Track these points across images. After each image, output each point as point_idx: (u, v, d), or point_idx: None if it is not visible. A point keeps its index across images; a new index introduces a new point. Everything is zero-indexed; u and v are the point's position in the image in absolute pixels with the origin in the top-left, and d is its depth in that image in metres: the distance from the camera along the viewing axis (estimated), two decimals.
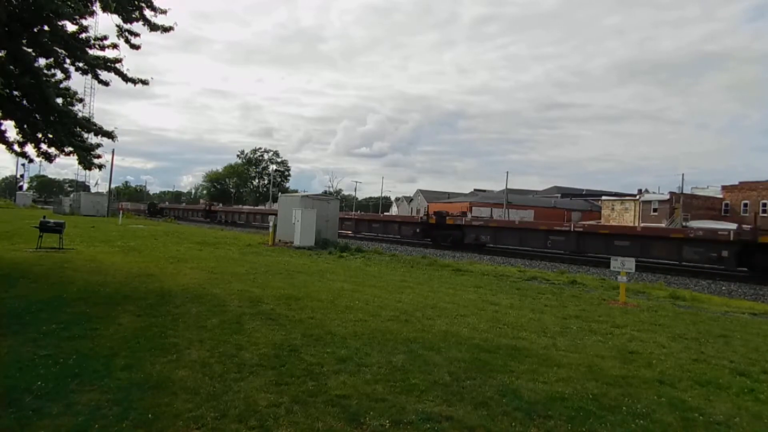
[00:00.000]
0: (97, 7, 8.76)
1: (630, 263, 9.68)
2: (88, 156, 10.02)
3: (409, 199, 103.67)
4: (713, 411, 3.94)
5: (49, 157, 10.10)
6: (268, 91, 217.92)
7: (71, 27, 9.14)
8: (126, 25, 9.49)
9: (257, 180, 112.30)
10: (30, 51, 8.79)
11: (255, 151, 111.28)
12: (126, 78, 10.01)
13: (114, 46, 9.95)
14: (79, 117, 9.99)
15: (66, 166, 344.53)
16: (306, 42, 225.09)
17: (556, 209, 71.07)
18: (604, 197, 69.34)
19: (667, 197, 58.00)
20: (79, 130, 9.86)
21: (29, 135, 9.72)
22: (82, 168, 12.17)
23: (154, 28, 9.58)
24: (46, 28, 8.52)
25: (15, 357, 4.35)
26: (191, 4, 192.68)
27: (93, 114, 57.85)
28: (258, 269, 11.22)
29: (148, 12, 9.41)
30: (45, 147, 9.91)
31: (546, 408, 3.78)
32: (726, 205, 59.60)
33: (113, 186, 59.56)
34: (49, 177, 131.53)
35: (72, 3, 8.02)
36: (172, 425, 3.23)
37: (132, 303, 6.79)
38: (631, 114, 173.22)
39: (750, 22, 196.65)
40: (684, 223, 40.88)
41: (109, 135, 10.15)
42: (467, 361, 4.86)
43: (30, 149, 10.11)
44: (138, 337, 5.13)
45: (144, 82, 10.30)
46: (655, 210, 57.89)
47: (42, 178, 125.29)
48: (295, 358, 4.71)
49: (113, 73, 9.89)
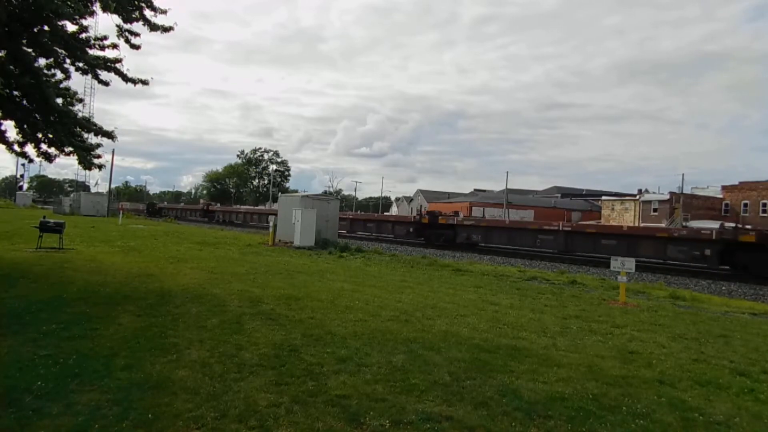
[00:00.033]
0: (97, 7, 8.76)
1: (630, 263, 9.68)
2: (88, 156, 10.02)
3: (409, 199, 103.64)
4: (713, 411, 3.94)
5: (49, 157, 10.10)
6: (268, 91, 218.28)
7: (71, 27, 9.15)
8: (126, 25, 9.50)
9: (257, 180, 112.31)
10: (30, 51, 8.79)
11: (255, 151, 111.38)
12: (126, 78, 10.01)
13: (114, 46, 9.96)
14: (79, 117, 9.99)
15: (66, 166, 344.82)
16: (306, 42, 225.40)
17: (556, 209, 71.05)
18: (604, 197, 69.37)
19: (667, 197, 58.03)
20: (79, 130, 9.86)
21: (29, 135, 9.72)
22: (82, 168, 12.18)
23: (154, 28, 9.58)
24: (46, 28, 8.51)
25: (15, 357, 4.35)
26: (191, 4, 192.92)
27: (93, 114, 57.89)
28: (258, 269, 11.22)
29: (148, 12, 9.42)
30: (45, 147, 9.91)
31: (546, 408, 3.78)
32: (726, 205, 59.61)
33: (113, 186, 59.63)
34: (49, 177, 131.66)
35: (72, 3, 8.02)
36: (172, 425, 3.23)
37: (132, 303, 6.79)
38: (631, 114, 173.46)
39: (750, 22, 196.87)
40: (684, 223, 40.89)
41: (109, 135, 10.15)
42: (467, 361, 4.86)
43: (30, 149, 10.12)
44: (138, 337, 5.13)
45: (144, 82, 10.30)
46: (655, 210, 57.92)
47: (42, 178, 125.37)
48: (295, 358, 4.71)
49: (113, 73, 9.89)
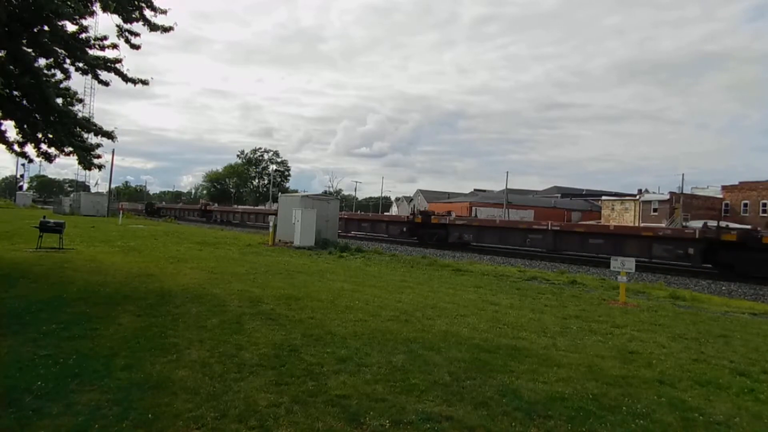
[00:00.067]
0: (97, 7, 8.76)
1: (630, 263, 9.68)
2: (88, 156, 10.02)
3: (409, 199, 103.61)
4: (713, 411, 3.94)
5: (49, 157, 10.10)
6: (268, 91, 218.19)
7: (71, 27, 9.15)
8: (126, 25, 9.50)
9: (257, 180, 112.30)
10: (30, 51, 8.78)
11: (255, 151, 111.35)
12: (126, 78, 10.01)
13: (114, 46, 9.96)
14: (79, 117, 9.99)
15: (66, 166, 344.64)
16: (306, 42, 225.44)
17: (556, 209, 71.07)
18: (604, 197, 69.39)
19: (667, 197, 58.04)
20: (79, 130, 9.86)
21: (29, 135, 9.72)
22: (82, 168, 12.18)
23: (154, 28, 9.58)
24: (46, 28, 8.51)
25: (15, 357, 4.35)
26: (191, 4, 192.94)
27: (93, 114, 57.99)
28: (258, 269, 11.22)
29: (148, 12, 9.42)
30: (45, 147, 9.92)
31: (546, 408, 3.78)
32: (726, 205, 59.62)
33: (113, 186, 59.63)
34: (49, 177, 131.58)
35: (72, 3, 8.02)
36: (172, 425, 3.23)
37: (132, 303, 6.79)
38: (631, 114, 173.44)
39: (750, 22, 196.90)
40: (684, 223, 40.90)
41: (109, 135, 10.15)
42: (467, 361, 4.86)
43: (30, 149, 10.12)
44: (138, 337, 5.13)
45: (144, 82, 10.30)
46: (655, 210, 57.92)
47: (42, 178, 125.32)
48: (295, 358, 4.71)
49: (113, 73, 9.89)
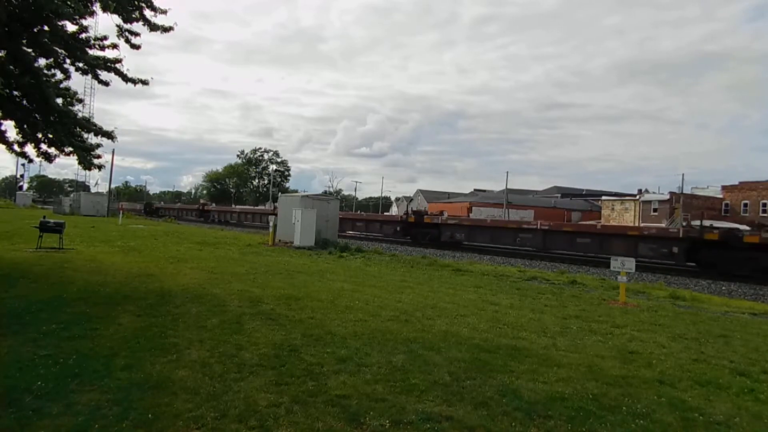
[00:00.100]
0: (97, 7, 8.76)
1: (630, 263, 9.68)
2: (87, 156, 10.02)
3: (409, 199, 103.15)
4: (713, 411, 3.94)
5: (49, 157, 10.11)
6: (268, 91, 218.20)
7: (71, 27, 9.15)
8: (126, 25, 9.49)
9: (257, 180, 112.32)
10: (30, 51, 8.78)
11: (255, 151, 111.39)
12: (126, 78, 10.01)
13: (114, 46, 9.95)
14: (79, 117, 9.99)
15: (66, 166, 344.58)
16: (306, 42, 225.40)
17: (556, 209, 71.08)
18: (604, 197, 69.38)
19: (667, 197, 58.04)
20: (79, 130, 9.86)
21: (29, 135, 9.72)
22: (82, 168, 12.16)
23: (154, 28, 9.58)
24: (46, 28, 8.51)
25: (15, 357, 4.35)
26: (191, 4, 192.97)
27: (93, 114, 58.14)
28: (258, 269, 11.22)
29: (148, 12, 9.41)
30: (45, 147, 9.92)
31: (546, 408, 3.78)
32: (726, 205, 59.62)
33: (113, 186, 59.63)
34: (49, 177, 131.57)
35: (72, 3, 8.03)
36: (172, 425, 3.23)
37: (132, 303, 6.79)
38: (631, 114, 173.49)
39: (750, 22, 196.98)
40: (684, 224, 40.82)
41: (109, 135, 10.15)
42: (467, 361, 4.86)
43: (30, 149, 10.12)
44: (138, 337, 5.13)
45: (144, 82, 10.30)
46: (655, 210, 57.91)
47: (42, 178, 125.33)
48: (295, 358, 4.71)
49: (113, 73, 9.89)
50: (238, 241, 20.08)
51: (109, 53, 9.98)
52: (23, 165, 67.94)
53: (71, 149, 9.68)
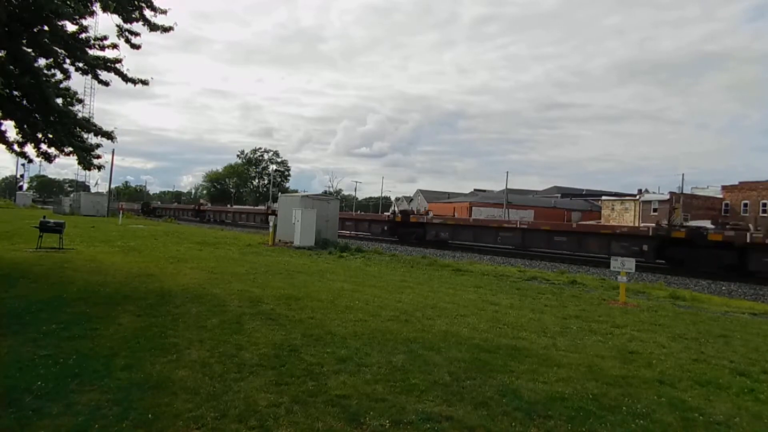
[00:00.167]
0: (97, 7, 8.76)
1: (630, 263, 9.68)
2: (87, 156, 10.02)
3: (409, 199, 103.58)
4: (713, 411, 3.94)
5: (49, 157, 10.11)
6: (268, 91, 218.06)
7: (71, 27, 9.15)
8: (126, 25, 9.49)
9: (257, 180, 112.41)
10: (30, 51, 8.78)
11: (255, 151, 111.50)
12: (126, 78, 10.01)
13: (114, 46, 9.96)
14: (79, 117, 9.99)
15: (66, 166, 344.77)
16: (306, 42, 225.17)
17: (556, 209, 71.05)
18: (604, 197, 69.35)
19: (667, 197, 58.00)
20: (79, 130, 9.86)
21: (29, 135, 9.73)
22: (81, 168, 12.16)
23: (154, 28, 9.57)
24: (46, 28, 8.51)
25: (15, 357, 4.35)
26: (191, 4, 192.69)
27: (93, 114, 58.24)
28: (258, 269, 11.22)
29: (148, 12, 9.41)
30: (45, 147, 9.92)
31: (546, 408, 3.78)
32: (726, 205, 59.62)
33: (113, 186, 59.64)
34: (49, 177, 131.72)
35: (72, 3, 8.03)
36: (172, 425, 3.23)
37: (132, 303, 6.79)
38: (631, 114, 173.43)
39: (750, 22, 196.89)
40: (684, 224, 40.83)
41: (109, 135, 10.15)
42: (467, 361, 4.86)
43: (30, 149, 10.12)
44: (138, 337, 5.13)
45: (144, 82, 10.30)
46: (655, 210, 57.86)
47: (42, 178, 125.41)
48: (295, 358, 4.71)
49: (113, 73, 9.89)
50: (238, 241, 20.08)
51: (109, 53, 9.99)
52: (23, 165, 67.92)
53: (71, 149, 9.68)
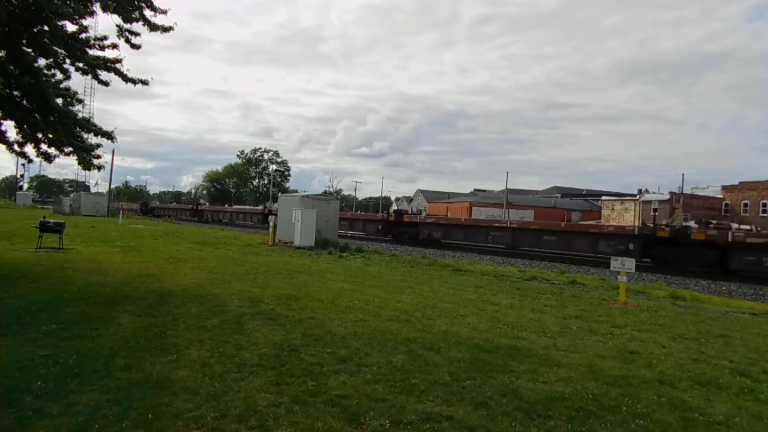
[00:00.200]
0: (97, 7, 8.76)
1: (630, 263, 9.68)
2: (87, 156, 10.02)
3: (409, 199, 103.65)
4: (713, 411, 3.94)
5: (49, 158, 10.11)
6: (268, 91, 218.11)
7: (71, 27, 9.15)
8: (126, 25, 9.49)
9: (257, 180, 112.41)
10: (30, 51, 8.78)
11: (255, 151, 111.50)
12: (126, 78, 10.01)
13: (114, 46, 9.96)
14: (79, 117, 9.99)
15: (66, 166, 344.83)
16: (306, 42, 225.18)
17: (556, 209, 71.03)
18: (604, 197, 69.34)
19: (667, 197, 58.02)
20: (79, 130, 9.86)
21: (29, 135, 9.73)
22: (81, 168, 12.16)
23: (154, 28, 9.57)
24: (46, 28, 8.51)
25: (15, 357, 4.35)
26: (191, 4, 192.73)
27: (93, 114, 58.22)
28: (258, 269, 11.22)
29: (148, 12, 9.41)
30: (45, 147, 9.92)
31: (546, 408, 3.78)
32: (726, 205, 59.62)
33: (113, 186, 59.67)
34: (49, 177, 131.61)
35: (72, 3, 8.03)
36: (172, 425, 3.23)
37: (132, 303, 6.79)
38: (631, 114, 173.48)
39: (750, 22, 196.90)
40: (684, 223, 40.86)
41: (109, 135, 10.15)
42: (467, 361, 4.86)
43: (30, 149, 10.12)
44: (138, 337, 5.13)
45: (144, 82, 10.30)
46: (655, 210, 57.71)
47: (42, 178, 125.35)
48: (295, 358, 4.71)
49: (113, 73, 9.89)
50: (237, 241, 20.08)
51: (109, 53, 9.99)
52: (23, 165, 67.92)
53: (71, 149, 9.68)
